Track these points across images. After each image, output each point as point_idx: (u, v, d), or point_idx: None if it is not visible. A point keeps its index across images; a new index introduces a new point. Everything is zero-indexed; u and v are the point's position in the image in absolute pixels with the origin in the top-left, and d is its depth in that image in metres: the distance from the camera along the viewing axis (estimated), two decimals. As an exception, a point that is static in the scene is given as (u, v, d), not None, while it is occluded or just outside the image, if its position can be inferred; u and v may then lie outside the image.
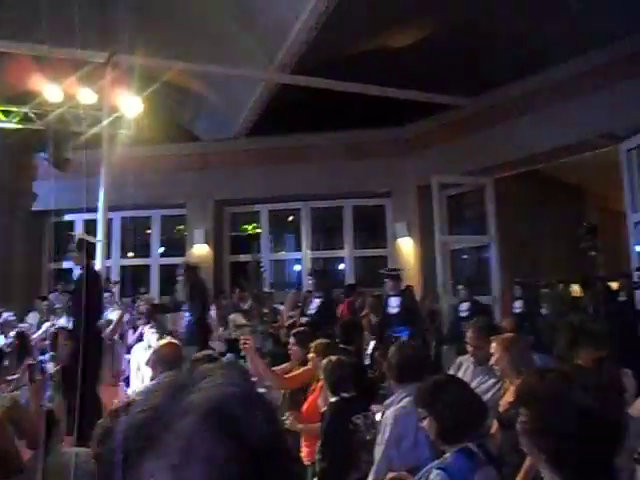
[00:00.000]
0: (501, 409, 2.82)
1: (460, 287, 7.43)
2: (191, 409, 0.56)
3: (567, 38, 8.13)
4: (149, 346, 5.25)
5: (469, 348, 3.39)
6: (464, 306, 6.97)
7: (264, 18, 8.11)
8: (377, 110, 9.24)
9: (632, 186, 7.49)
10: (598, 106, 7.38)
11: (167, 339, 3.18)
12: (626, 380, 3.30)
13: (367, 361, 5.76)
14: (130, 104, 7.50)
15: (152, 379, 3.03)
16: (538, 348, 3.75)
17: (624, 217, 7.91)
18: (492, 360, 3.11)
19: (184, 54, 8.52)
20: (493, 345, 3.11)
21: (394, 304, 6.66)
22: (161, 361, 2.87)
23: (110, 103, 7.38)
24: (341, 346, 4.61)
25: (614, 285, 7.96)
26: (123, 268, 11.21)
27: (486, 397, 3.11)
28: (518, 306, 7.79)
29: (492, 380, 3.16)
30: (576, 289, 9.06)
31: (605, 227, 12.25)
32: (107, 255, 10.66)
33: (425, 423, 2.14)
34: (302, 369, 3.77)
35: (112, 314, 6.06)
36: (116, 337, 5.60)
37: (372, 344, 6.25)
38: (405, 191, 10.14)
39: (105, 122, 7.44)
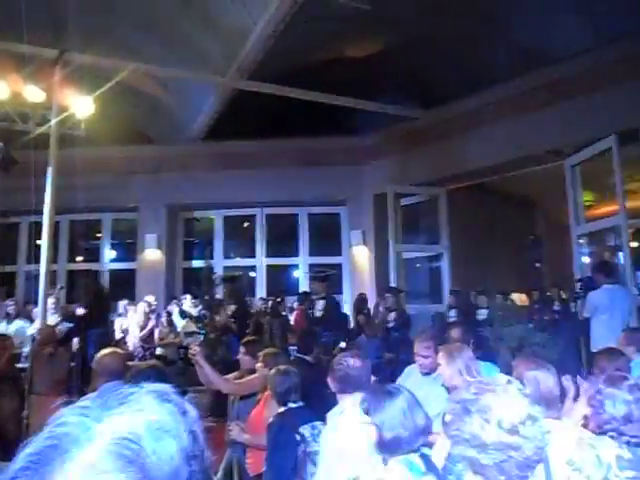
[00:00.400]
0: (447, 419, 2.85)
1: (388, 295, 7.25)
2: (99, 437, 0.55)
3: (518, 55, 8.43)
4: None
5: (416, 357, 3.43)
6: (392, 316, 6.98)
7: (223, 23, 8.05)
8: (335, 119, 9.31)
9: (576, 200, 7.80)
10: (546, 123, 7.66)
11: (109, 348, 3.08)
12: (566, 385, 3.42)
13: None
14: (81, 104, 7.27)
15: (93, 390, 2.92)
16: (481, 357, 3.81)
17: (570, 229, 8.22)
18: (439, 369, 3.15)
19: (140, 55, 8.35)
20: (440, 354, 3.16)
21: (320, 307, 6.77)
22: (102, 371, 2.76)
23: (59, 102, 7.13)
24: (298, 355, 4.59)
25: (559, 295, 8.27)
26: (70, 273, 10.83)
27: (432, 406, 3.15)
28: (453, 315, 7.89)
29: (439, 389, 3.20)
30: (523, 298, 9.35)
31: (552, 238, 12.74)
32: (53, 259, 10.32)
33: (369, 432, 2.14)
34: (252, 376, 3.73)
35: (51, 320, 5.83)
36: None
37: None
38: (361, 200, 10.23)
39: (54, 121, 7.18)
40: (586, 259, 8.04)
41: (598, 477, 1.96)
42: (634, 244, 10.97)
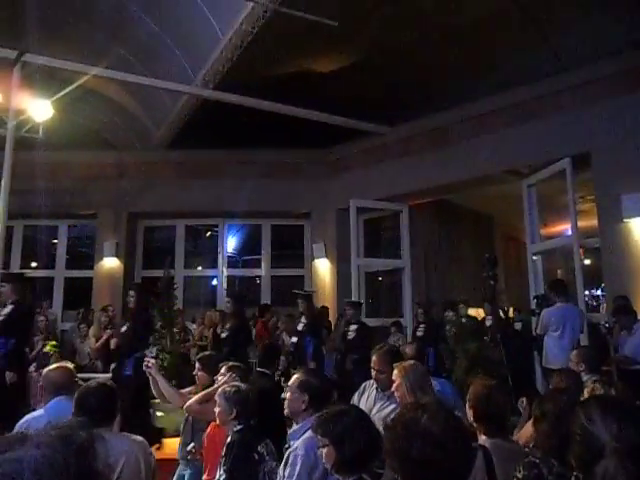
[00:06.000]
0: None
1: (347, 308, 7.24)
2: None
3: (481, 78, 8.68)
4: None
5: (373, 372, 3.46)
6: (352, 327, 7.03)
7: (190, 32, 8.00)
8: (300, 131, 9.35)
9: (532, 219, 8.05)
10: (505, 144, 7.90)
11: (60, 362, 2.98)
12: (520, 407, 3.51)
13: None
14: (39, 107, 7.09)
15: (44, 404, 2.82)
16: (440, 373, 3.87)
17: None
18: (393, 386, 3.18)
19: (104, 60, 8.21)
20: (394, 372, 3.20)
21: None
22: (50, 386, 2.67)
23: (17, 105, 6.93)
24: (259, 369, 4.55)
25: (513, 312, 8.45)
26: (23, 279, 10.46)
27: (386, 423, 3.18)
28: (421, 330, 7.94)
29: (392, 406, 3.23)
30: (481, 313, 9.52)
31: (510, 255, 13.07)
32: (5, 265, 9.95)
33: (324, 452, 2.13)
34: (208, 390, 3.67)
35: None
36: None
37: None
38: (324, 213, 10.27)
39: (10, 124, 6.98)
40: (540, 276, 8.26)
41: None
42: (587, 262, 11.40)
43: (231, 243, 10.95)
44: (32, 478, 0.61)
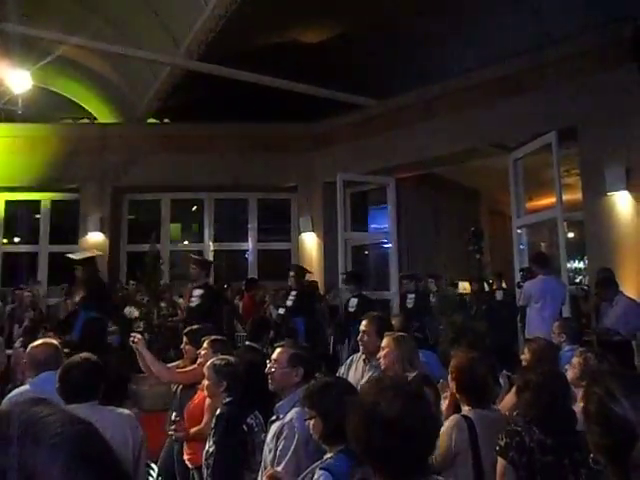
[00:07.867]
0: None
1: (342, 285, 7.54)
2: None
3: (466, 50, 8.61)
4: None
5: (360, 334, 3.47)
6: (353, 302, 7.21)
7: (173, 2, 7.80)
8: (287, 104, 9.23)
9: (517, 193, 8.07)
10: (492, 117, 7.87)
11: (43, 338, 2.96)
12: (502, 378, 3.59)
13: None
14: (18, 78, 6.91)
15: (26, 382, 2.81)
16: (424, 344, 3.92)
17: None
18: (381, 352, 3.21)
19: (84, 31, 7.98)
20: (385, 340, 3.23)
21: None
22: (34, 362, 2.66)
23: (-6, 75, 6.75)
24: (247, 343, 4.58)
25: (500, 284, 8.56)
26: (6, 255, 10.35)
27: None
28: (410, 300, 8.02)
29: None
30: (467, 287, 9.62)
31: (496, 229, 13.17)
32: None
33: (311, 423, 2.17)
34: (196, 364, 3.69)
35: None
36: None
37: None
38: (311, 187, 10.22)
39: (-12, 96, 6.80)
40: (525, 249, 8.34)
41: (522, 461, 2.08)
42: (571, 235, 11.53)
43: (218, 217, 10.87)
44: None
